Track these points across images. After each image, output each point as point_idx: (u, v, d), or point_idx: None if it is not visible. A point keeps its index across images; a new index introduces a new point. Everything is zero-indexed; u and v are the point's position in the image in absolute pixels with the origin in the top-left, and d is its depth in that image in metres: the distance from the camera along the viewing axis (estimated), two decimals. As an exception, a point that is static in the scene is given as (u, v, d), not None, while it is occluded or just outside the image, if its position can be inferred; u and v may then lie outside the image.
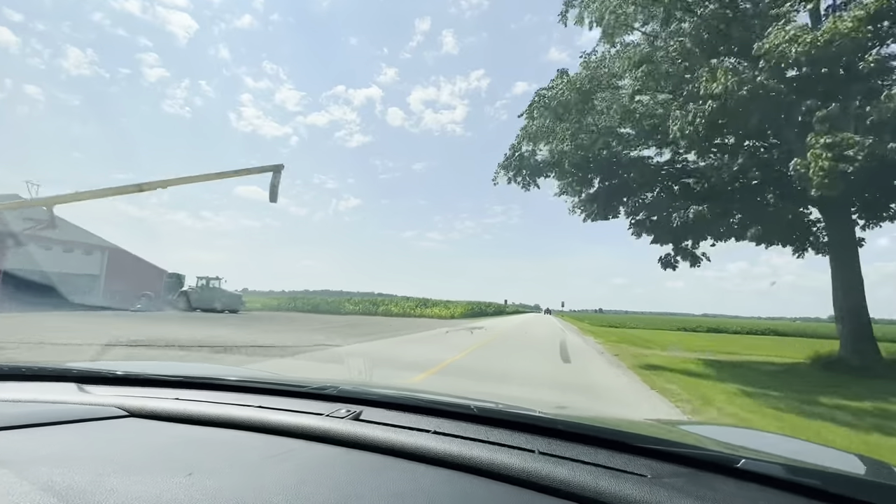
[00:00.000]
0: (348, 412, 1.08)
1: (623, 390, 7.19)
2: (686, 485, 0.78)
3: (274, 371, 2.36)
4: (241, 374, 1.58)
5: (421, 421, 1.07)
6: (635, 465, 0.85)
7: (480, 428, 1.03)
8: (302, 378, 1.48)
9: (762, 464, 0.84)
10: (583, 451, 0.91)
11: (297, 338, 13.57)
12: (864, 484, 0.89)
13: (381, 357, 9.86)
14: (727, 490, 0.78)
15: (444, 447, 0.88)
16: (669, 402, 6.20)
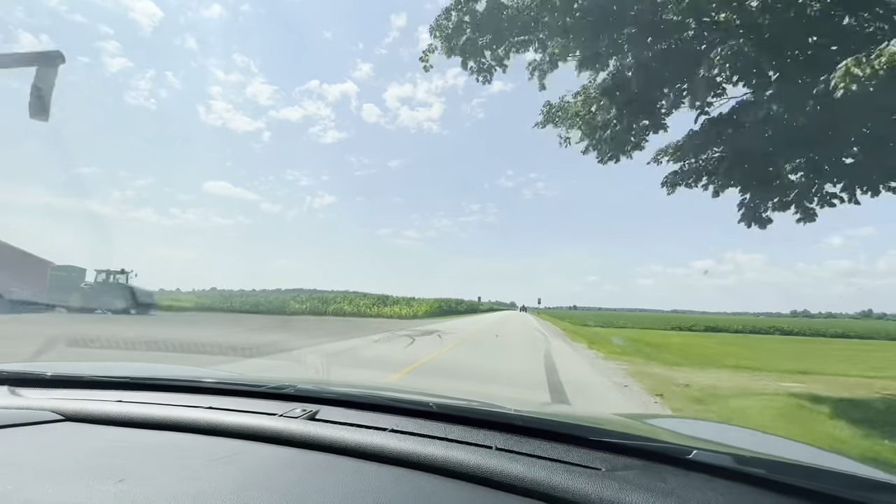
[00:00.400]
0: (304, 412, 1.08)
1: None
2: (637, 477, 0.80)
3: (239, 371, 2.31)
4: (194, 375, 1.52)
5: (379, 419, 1.07)
6: (591, 459, 0.87)
7: (439, 425, 1.03)
8: (259, 378, 1.46)
9: (712, 454, 0.87)
10: (541, 447, 0.92)
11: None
12: (806, 470, 0.90)
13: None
14: (675, 481, 0.80)
15: (401, 445, 0.88)
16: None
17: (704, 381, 8.08)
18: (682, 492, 0.75)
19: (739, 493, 0.77)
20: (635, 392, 6.90)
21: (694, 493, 0.75)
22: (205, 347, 8.87)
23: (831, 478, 0.84)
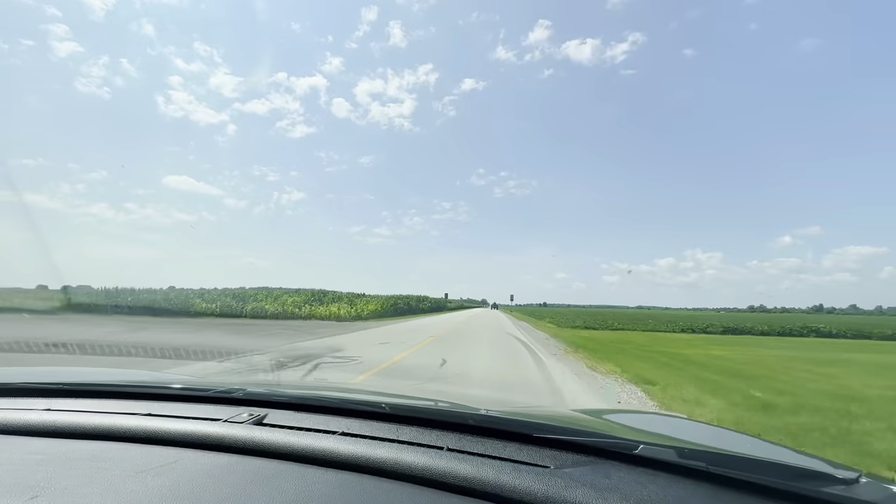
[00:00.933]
0: (251, 416, 1.05)
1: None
2: (583, 474, 0.81)
3: (190, 375, 2.31)
4: (137, 379, 1.45)
5: (330, 422, 1.05)
6: (541, 457, 0.88)
7: (392, 426, 1.03)
8: (207, 381, 1.42)
9: (657, 449, 0.89)
10: (493, 446, 0.93)
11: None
12: (743, 461, 0.92)
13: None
14: (620, 476, 0.81)
15: (349, 449, 0.87)
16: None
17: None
18: (625, 487, 0.77)
19: (680, 486, 0.80)
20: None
21: (636, 487, 0.77)
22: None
23: (765, 468, 0.86)
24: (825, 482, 0.79)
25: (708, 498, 0.77)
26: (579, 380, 7.62)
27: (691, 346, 17.11)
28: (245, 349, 10.35)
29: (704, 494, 0.77)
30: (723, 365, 10.85)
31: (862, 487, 0.79)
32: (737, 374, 9.36)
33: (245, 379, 2.27)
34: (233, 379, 2.47)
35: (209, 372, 6.70)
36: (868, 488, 0.79)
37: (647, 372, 8.75)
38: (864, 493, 0.77)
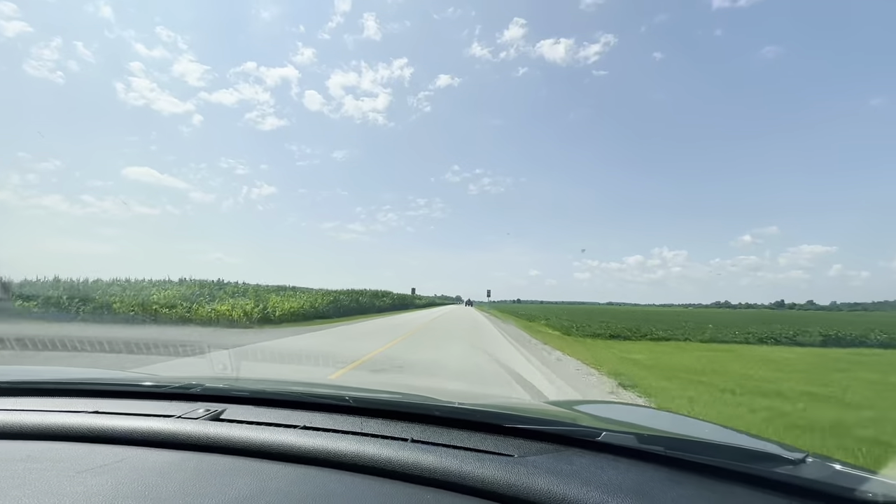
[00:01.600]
0: (207, 411, 1.03)
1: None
2: (546, 461, 0.83)
3: (148, 372, 1.91)
4: (87, 377, 1.39)
5: (291, 416, 1.04)
6: (505, 447, 0.90)
7: (355, 419, 1.02)
8: (164, 378, 1.36)
9: (619, 435, 0.92)
10: (458, 436, 0.95)
11: None
12: (699, 445, 0.95)
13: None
14: (582, 462, 0.84)
15: (310, 443, 0.86)
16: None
17: None
18: (587, 472, 0.79)
19: (639, 469, 0.83)
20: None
21: (598, 472, 0.79)
22: None
23: (720, 450, 0.91)
24: (775, 463, 0.85)
25: (666, 480, 0.80)
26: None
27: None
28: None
29: (662, 477, 0.81)
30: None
31: (808, 467, 0.84)
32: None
33: (205, 374, 1.92)
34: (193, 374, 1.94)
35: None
36: (813, 467, 0.84)
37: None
38: (810, 472, 0.82)
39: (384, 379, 6.53)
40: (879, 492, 0.76)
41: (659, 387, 7.05)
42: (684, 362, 10.57)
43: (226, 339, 12.38)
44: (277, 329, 16.33)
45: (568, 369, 8.45)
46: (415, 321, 23.51)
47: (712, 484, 0.80)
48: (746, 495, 0.78)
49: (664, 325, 22.40)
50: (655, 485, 0.77)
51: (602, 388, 6.81)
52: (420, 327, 18.52)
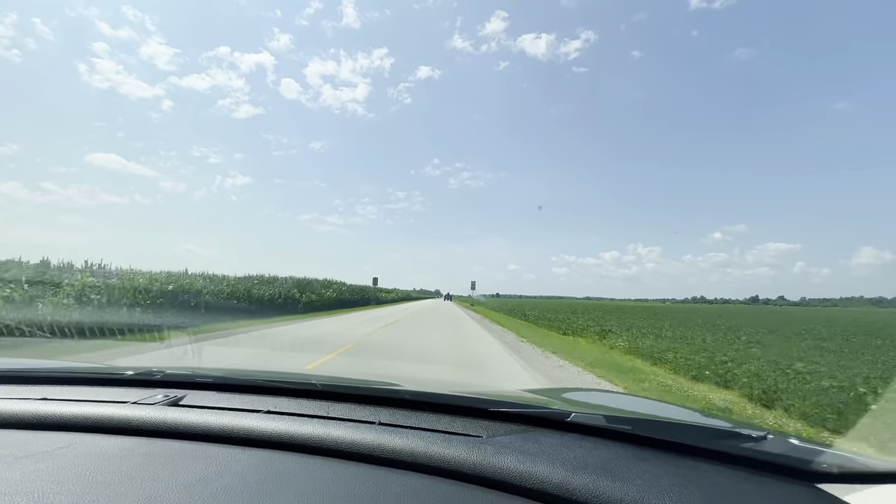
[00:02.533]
0: (166, 397, 1.00)
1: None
2: (514, 441, 0.84)
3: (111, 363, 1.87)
4: (39, 365, 1.35)
5: (256, 401, 1.01)
6: (474, 428, 0.91)
7: (322, 404, 1.01)
8: (125, 366, 1.33)
9: (587, 415, 0.95)
10: (426, 419, 0.95)
11: None
12: (663, 424, 1.02)
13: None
14: (550, 442, 0.86)
15: (273, 427, 0.85)
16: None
17: None
18: (554, 451, 0.80)
19: (607, 447, 0.85)
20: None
21: (564, 451, 0.81)
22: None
23: (684, 429, 0.97)
24: (737, 440, 0.90)
25: (631, 457, 0.81)
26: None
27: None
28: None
29: (629, 454, 0.82)
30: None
31: (769, 443, 0.88)
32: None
33: (168, 362, 2.02)
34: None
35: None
36: (773, 444, 0.88)
37: None
38: (770, 448, 0.86)
39: (361, 368, 6.25)
40: (833, 463, 0.81)
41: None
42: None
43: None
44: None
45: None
46: (351, 328, 12.89)
47: (677, 460, 0.83)
48: (710, 470, 0.81)
49: (701, 328, 18.26)
50: (621, 462, 0.79)
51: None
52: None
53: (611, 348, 11.38)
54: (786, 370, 7.29)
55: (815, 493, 0.76)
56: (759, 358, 8.81)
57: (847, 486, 0.76)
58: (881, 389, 5.82)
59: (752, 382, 6.44)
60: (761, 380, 6.52)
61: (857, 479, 0.78)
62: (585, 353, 9.96)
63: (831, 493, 0.76)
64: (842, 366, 8.02)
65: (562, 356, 9.19)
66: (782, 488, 0.76)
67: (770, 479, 0.79)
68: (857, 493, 0.74)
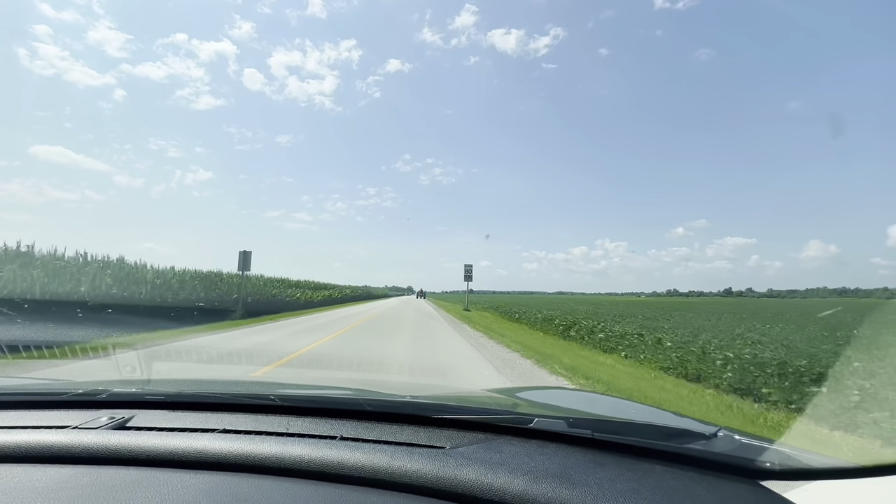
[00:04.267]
0: (111, 419, 0.93)
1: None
2: (477, 451, 0.83)
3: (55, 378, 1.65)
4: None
5: (210, 419, 0.96)
6: (438, 438, 0.90)
7: (281, 419, 0.97)
8: (64, 384, 1.21)
9: (549, 421, 0.95)
10: (389, 431, 0.92)
11: None
12: (625, 425, 1.03)
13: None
14: (511, 450, 0.85)
15: (228, 447, 0.80)
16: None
17: None
18: (515, 460, 0.80)
19: (567, 454, 0.85)
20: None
21: (526, 459, 0.80)
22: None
23: (641, 430, 0.98)
24: (691, 438, 0.92)
25: (590, 462, 0.82)
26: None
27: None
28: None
29: (587, 460, 0.83)
30: None
31: (719, 441, 0.91)
32: None
33: (115, 378, 1.73)
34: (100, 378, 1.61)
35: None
36: (724, 441, 0.91)
37: None
38: (720, 446, 0.89)
39: (321, 374, 5.98)
40: (776, 460, 0.83)
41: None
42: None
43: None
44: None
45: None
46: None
47: (633, 463, 0.84)
48: (664, 472, 0.82)
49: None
50: (579, 468, 0.79)
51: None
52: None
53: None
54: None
55: (759, 491, 0.79)
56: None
57: (788, 483, 0.80)
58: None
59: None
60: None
61: (798, 475, 0.82)
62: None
63: (774, 490, 0.79)
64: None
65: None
66: (731, 488, 0.79)
67: (719, 479, 0.82)
68: (797, 490, 0.78)
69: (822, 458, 0.84)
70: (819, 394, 5.39)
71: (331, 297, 37.59)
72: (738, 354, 7.35)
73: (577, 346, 11.90)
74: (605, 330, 12.74)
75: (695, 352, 8.26)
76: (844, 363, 6.10)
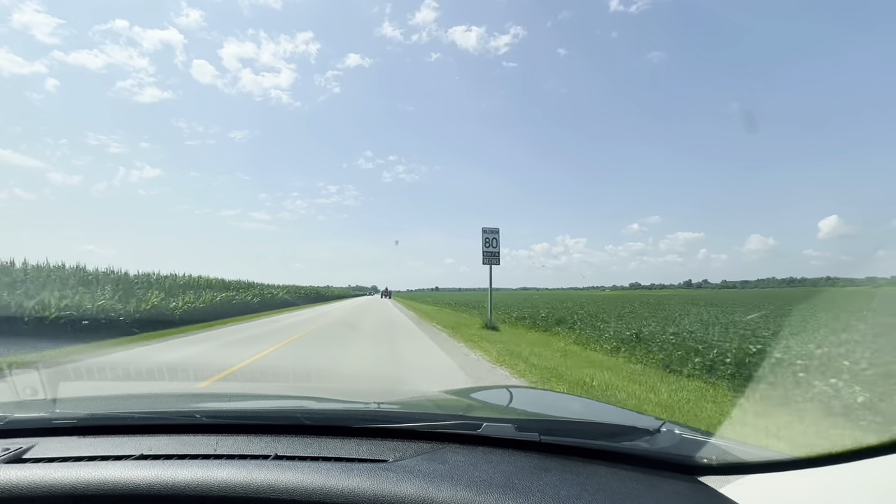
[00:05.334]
0: (5, 451, 0.82)
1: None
2: (420, 463, 0.79)
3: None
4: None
5: (126, 444, 0.85)
6: (380, 450, 0.85)
7: (210, 439, 0.88)
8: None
9: (497, 426, 0.91)
10: (329, 445, 0.86)
11: None
12: (571, 425, 1.03)
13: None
14: (456, 460, 0.81)
15: (144, 475, 0.72)
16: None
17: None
18: (459, 471, 0.76)
19: (513, 460, 0.83)
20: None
21: (470, 469, 0.77)
22: None
23: (590, 429, 0.98)
24: (636, 434, 0.93)
25: (535, 468, 0.80)
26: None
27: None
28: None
29: (533, 466, 0.81)
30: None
31: (662, 436, 0.92)
32: None
33: (15, 400, 1.28)
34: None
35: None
36: (666, 436, 0.92)
37: None
38: (663, 441, 0.90)
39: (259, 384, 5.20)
40: (713, 455, 0.84)
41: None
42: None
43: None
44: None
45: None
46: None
47: (578, 467, 0.83)
48: (608, 473, 0.81)
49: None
50: (524, 475, 0.77)
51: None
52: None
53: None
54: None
55: (696, 487, 0.80)
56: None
57: (724, 478, 0.81)
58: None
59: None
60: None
61: (735, 469, 0.83)
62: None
63: (710, 485, 0.80)
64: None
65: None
66: (670, 485, 0.80)
67: (661, 478, 0.83)
68: (731, 485, 0.79)
69: (757, 451, 0.86)
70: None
71: (282, 299, 32.13)
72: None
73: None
74: (657, 339, 8.68)
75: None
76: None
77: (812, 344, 6.08)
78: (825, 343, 6.10)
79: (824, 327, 8.62)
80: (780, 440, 3.42)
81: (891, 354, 5.03)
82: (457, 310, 26.31)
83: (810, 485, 0.74)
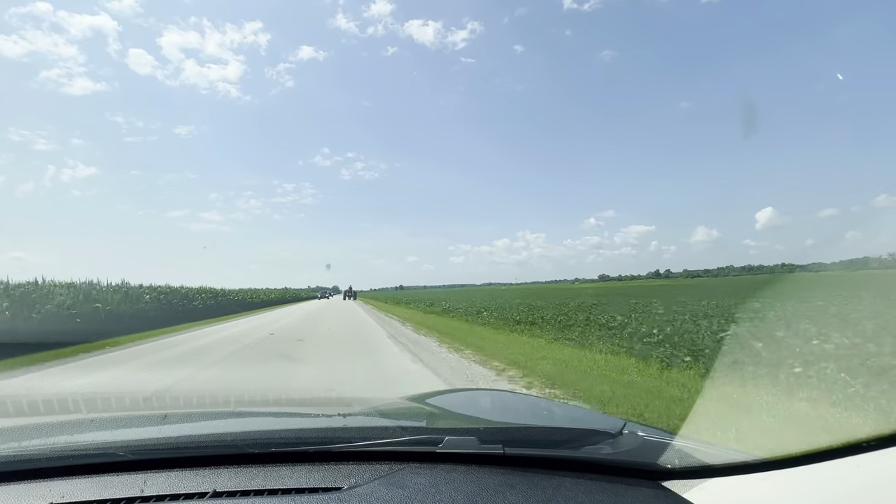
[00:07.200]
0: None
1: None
2: (378, 489, 0.74)
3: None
4: None
5: (31, 492, 0.73)
6: (334, 477, 0.78)
7: (137, 478, 0.76)
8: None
9: (460, 440, 0.86)
10: (276, 474, 0.78)
11: None
12: (536, 432, 1.00)
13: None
14: (416, 483, 0.76)
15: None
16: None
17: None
18: (420, 494, 0.72)
19: (476, 478, 0.78)
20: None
21: (431, 492, 0.73)
22: None
23: (550, 439, 0.95)
24: (599, 437, 0.91)
25: (500, 485, 0.76)
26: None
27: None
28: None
29: (497, 482, 0.77)
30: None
31: (625, 438, 0.90)
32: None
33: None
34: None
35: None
36: (629, 439, 0.90)
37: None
38: (625, 444, 0.88)
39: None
40: (676, 458, 0.82)
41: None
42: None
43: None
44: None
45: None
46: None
47: (543, 480, 0.80)
48: (573, 485, 0.78)
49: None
50: (488, 494, 0.74)
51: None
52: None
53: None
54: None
55: (659, 494, 0.78)
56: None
57: (687, 482, 0.80)
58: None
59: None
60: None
61: (698, 473, 0.82)
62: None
63: (674, 489, 0.79)
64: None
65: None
66: (633, 493, 0.79)
67: (624, 485, 0.81)
68: (695, 489, 0.78)
69: (720, 453, 0.85)
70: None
71: (217, 304, 26.99)
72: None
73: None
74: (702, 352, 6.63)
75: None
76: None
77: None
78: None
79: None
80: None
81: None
82: (474, 320, 16.22)
83: (773, 488, 0.74)
